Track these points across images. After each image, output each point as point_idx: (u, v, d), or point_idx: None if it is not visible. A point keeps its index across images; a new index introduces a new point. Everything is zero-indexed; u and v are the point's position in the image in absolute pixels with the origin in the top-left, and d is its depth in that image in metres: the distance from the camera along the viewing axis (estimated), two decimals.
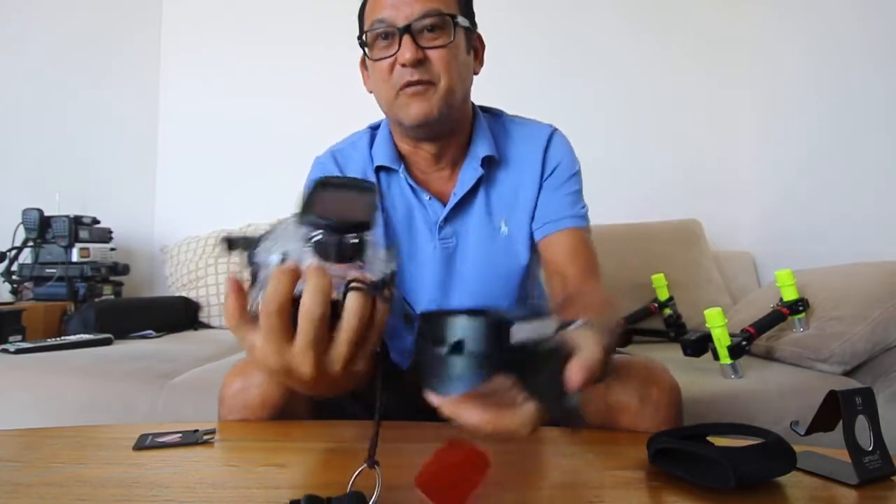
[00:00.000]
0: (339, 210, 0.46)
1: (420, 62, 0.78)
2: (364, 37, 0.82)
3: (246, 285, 0.48)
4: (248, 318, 0.46)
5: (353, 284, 0.43)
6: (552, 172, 0.91)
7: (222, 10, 2.52)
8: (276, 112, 2.46)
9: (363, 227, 0.46)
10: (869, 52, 1.65)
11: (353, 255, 0.46)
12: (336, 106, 1.99)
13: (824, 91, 1.83)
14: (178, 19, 2.58)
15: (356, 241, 0.45)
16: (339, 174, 0.91)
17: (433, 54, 0.79)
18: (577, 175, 0.93)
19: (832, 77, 1.80)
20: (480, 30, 0.90)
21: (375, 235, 0.48)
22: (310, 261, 0.45)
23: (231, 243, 0.50)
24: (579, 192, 0.92)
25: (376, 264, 0.48)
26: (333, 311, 0.44)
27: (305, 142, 1.65)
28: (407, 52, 0.77)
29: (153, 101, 2.57)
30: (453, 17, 0.80)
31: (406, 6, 0.78)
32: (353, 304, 0.43)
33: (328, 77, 2.32)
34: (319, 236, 0.45)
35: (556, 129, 0.94)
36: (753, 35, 2.21)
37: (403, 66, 0.79)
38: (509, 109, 0.99)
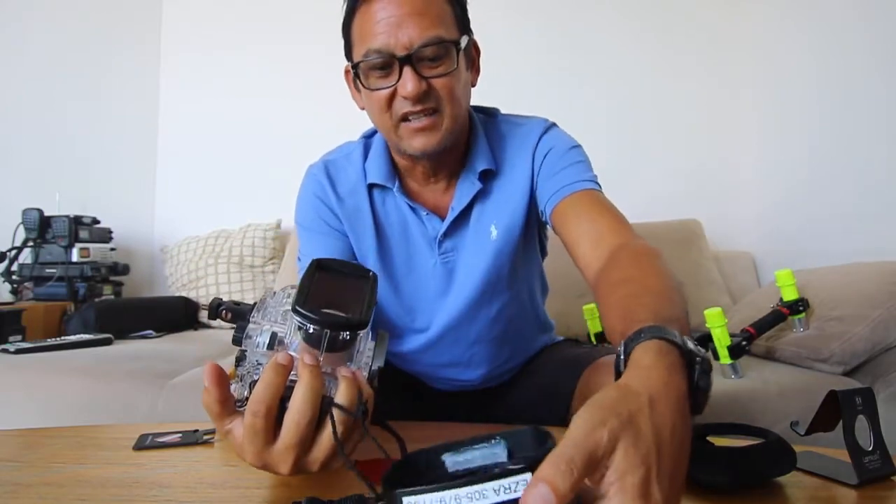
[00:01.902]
0: (337, 304, 0.46)
1: (423, 93, 0.73)
2: (357, 64, 0.76)
3: (229, 369, 0.47)
4: (229, 409, 0.46)
5: (337, 403, 0.44)
6: (544, 160, 0.86)
7: (222, 11, 2.52)
8: (276, 112, 2.46)
9: (358, 326, 0.46)
10: (870, 52, 1.65)
11: (342, 346, 0.46)
12: (336, 106, 1.98)
13: (825, 91, 1.83)
14: (178, 19, 2.58)
15: (348, 338, 0.46)
16: (331, 188, 0.89)
17: (436, 83, 0.74)
18: (576, 149, 0.87)
19: (833, 77, 1.80)
20: (478, 29, 0.86)
21: (368, 330, 0.48)
22: (299, 345, 0.46)
23: (217, 309, 0.50)
24: (584, 162, 0.85)
25: (364, 357, 0.49)
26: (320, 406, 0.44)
27: (305, 142, 1.65)
28: (409, 84, 0.72)
29: (153, 101, 2.58)
30: (455, 43, 0.75)
31: (404, 32, 0.72)
32: (338, 417, 0.43)
33: (328, 77, 2.31)
34: (311, 330, 0.45)
35: (549, 127, 0.89)
36: (755, 35, 2.21)
37: (405, 98, 0.74)
38: (508, 110, 0.98)
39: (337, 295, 0.48)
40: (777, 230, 2.08)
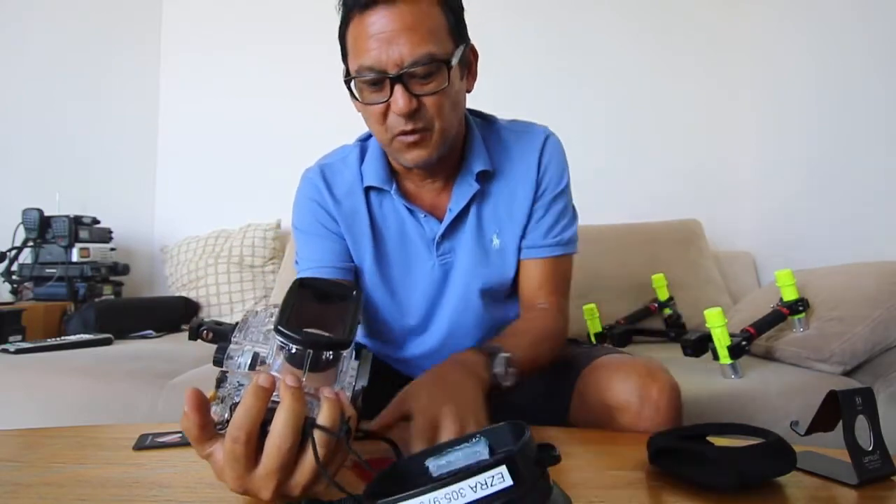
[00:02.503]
0: (320, 324, 0.46)
1: (415, 111, 0.74)
2: (350, 80, 0.77)
3: (209, 394, 0.47)
4: (209, 433, 0.46)
5: (319, 423, 0.43)
6: (542, 183, 0.89)
7: (222, 11, 2.52)
8: (276, 112, 2.46)
9: (341, 346, 0.45)
10: (869, 52, 1.65)
11: (326, 364, 0.46)
12: (336, 106, 1.98)
13: (824, 91, 1.83)
14: (178, 19, 2.58)
15: (332, 357, 0.46)
16: (328, 191, 0.89)
17: (427, 100, 0.75)
18: (565, 190, 0.91)
19: (832, 77, 1.80)
20: (477, 29, 0.85)
21: (351, 350, 0.48)
22: (282, 365, 0.45)
23: (198, 330, 0.50)
24: (565, 209, 0.91)
25: (347, 377, 0.48)
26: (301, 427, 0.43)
27: (305, 142, 1.65)
28: (400, 101, 0.73)
29: (153, 101, 2.58)
30: (447, 61, 0.74)
31: (394, 49, 0.72)
32: (321, 439, 0.43)
33: (328, 77, 2.31)
34: (294, 350, 0.45)
35: (549, 135, 0.91)
36: (754, 35, 2.21)
37: (397, 115, 0.75)
38: (508, 111, 0.97)
39: (320, 314, 0.47)
40: (777, 230, 2.08)
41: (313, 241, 0.90)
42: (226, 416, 0.45)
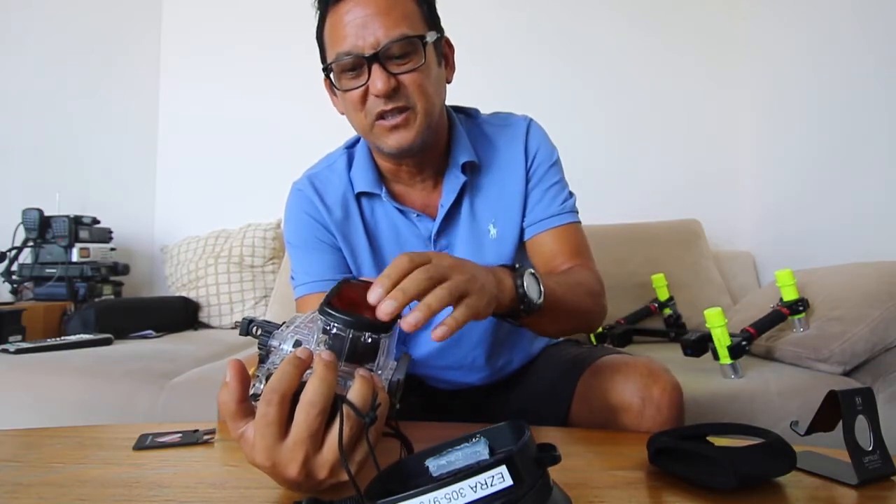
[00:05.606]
0: (362, 308, 0.47)
1: (393, 90, 0.75)
2: (329, 67, 0.78)
3: (251, 368, 0.47)
4: (246, 409, 0.46)
5: (348, 400, 0.43)
6: (532, 164, 0.89)
7: (222, 12, 2.52)
8: (276, 113, 2.46)
9: (381, 329, 0.46)
10: (869, 53, 1.65)
11: (364, 354, 0.46)
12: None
13: (824, 91, 1.83)
14: (178, 20, 2.58)
15: (370, 342, 0.46)
16: (320, 201, 0.88)
17: (405, 79, 0.75)
18: (556, 164, 0.91)
19: (832, 77, 1.80)
20: (478, 29, 0.86)
21: (391, 342, 0.48)
22: (322, 351, 0.45)
23: (248, 326, 0.50)
24: (560, 181, 0.91)
25: (387, 371, 0.49)
26: (332, 405, 0.43)
27: (305, 142, 1.65)
28: (378, 81, 0.73)
29: (153, 101, 2.58)
30: (421, 38, 0.76)
31: (370, 32, 0.73)
32: (348, 414, 0.43)
33: None
34: (335, 330, 0.45)
35: (530, 121, 0.92)
36: (754, 36, 2.21)
37: (377, 96, 0.75)
38: (508, 111, 0.98)
39: (363, 305, 0.48)
40: (777, 230, 2.08)
41: (310, 255, 0.89)
42: (261, 387, 0.45)
